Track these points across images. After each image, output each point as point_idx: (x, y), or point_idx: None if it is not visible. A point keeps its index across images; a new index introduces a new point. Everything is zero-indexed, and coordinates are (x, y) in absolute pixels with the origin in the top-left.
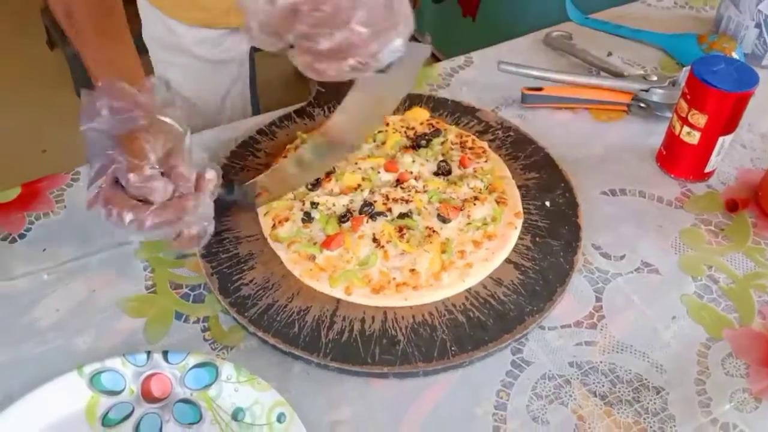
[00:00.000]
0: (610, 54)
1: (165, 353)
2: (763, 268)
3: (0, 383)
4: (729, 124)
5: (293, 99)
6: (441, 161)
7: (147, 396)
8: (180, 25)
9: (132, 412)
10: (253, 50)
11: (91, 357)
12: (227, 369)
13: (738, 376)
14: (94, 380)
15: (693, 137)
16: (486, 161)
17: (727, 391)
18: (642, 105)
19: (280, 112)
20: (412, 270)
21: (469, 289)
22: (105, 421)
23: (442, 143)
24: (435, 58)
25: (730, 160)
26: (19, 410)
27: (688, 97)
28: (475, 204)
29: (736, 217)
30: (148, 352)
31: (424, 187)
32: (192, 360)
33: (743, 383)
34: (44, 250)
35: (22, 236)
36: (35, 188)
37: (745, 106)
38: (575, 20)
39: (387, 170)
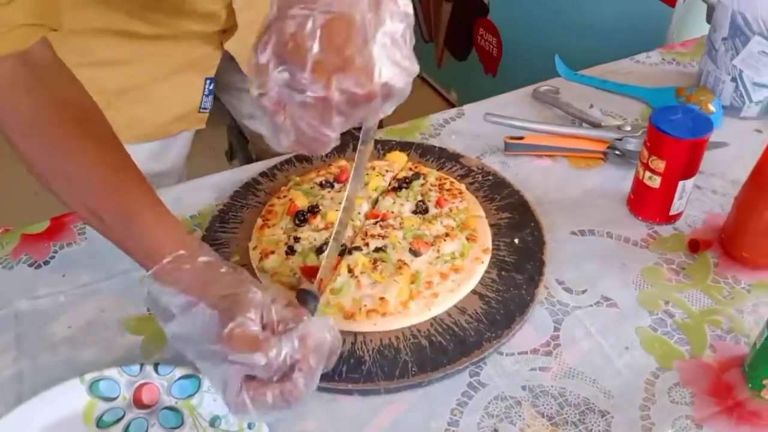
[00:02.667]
0: (591, 106)
1: (155, 365)
2: (720, 305)
3: (14, 386)
4: (687, 169)
5: None
6: (419, 201)
7: (138, 402)
8: None
9: (123, 416)
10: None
11: (93, 367)
12: (208, 381)
13: (683, 404)
14: (93, 387)
15: (654, 181)
16: (462, 201)
17: (670, 417)
18: (618, 153)
19: (283, 157)
20: (382, 298)
21: (435, 317)
22: (99, 423)
23: (422, 185)
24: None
25: (700, 204)
26: (26, 409)
27: (648, 144)
28: (445, 240)
29: (698, 257)
30: (141, 364)
31: (400, 224)
32: (178, 372)
33: (687, 410)
34: (63, 275)
35: (46, 263)
36: (62, 222)
37: (702, 152)
38: (563, 76)
39: (369, 217)
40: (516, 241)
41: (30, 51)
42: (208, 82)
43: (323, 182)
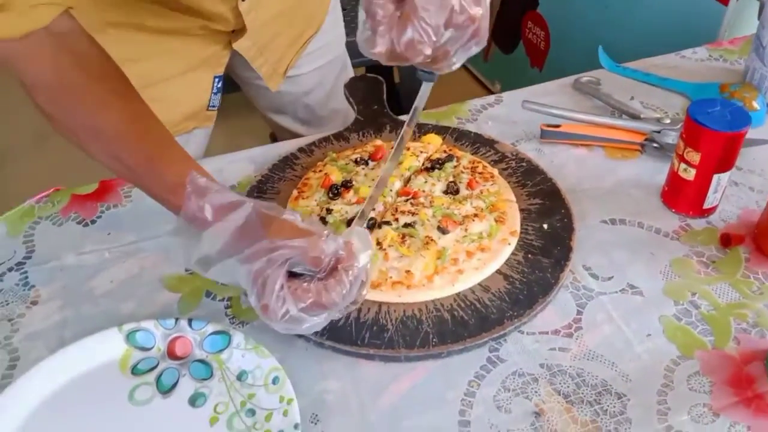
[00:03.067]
0: (632, 98)
1: (190, 320)
2: (748, 299)
3: (58, 332)
4: (723, 163)
5: None
6: (450, 182)
7: (171, 354)
8: None
9: (156, 365)
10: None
11: (131, 319)
12: (238, 337)
13: (701, 392)
14: (130, 337)
15: (689, 174)
16: (493, 185)
17: (688, 404)
18: (656, 145)
19: (321, 135)
20: (408, 271)
21: (459, 292)
22: (134, 370)
23: (455, 167)
24: None
25: (737, 200)
26: (67, 354)
27: (684, 136)
28: (474, 220)
29: (729, 251)
30: (177, 319)
31: (431, 202)
32: (210, 328)
33: (705, 399)
34: (109, 233)
35: (93, 222)
36: (110, 184)
37: (738, 147)
38: (606, 67)
39: (400, 195)
40: (545, 226)
41: (51, 23)
42: (216, 80)
43: (358, 159)
